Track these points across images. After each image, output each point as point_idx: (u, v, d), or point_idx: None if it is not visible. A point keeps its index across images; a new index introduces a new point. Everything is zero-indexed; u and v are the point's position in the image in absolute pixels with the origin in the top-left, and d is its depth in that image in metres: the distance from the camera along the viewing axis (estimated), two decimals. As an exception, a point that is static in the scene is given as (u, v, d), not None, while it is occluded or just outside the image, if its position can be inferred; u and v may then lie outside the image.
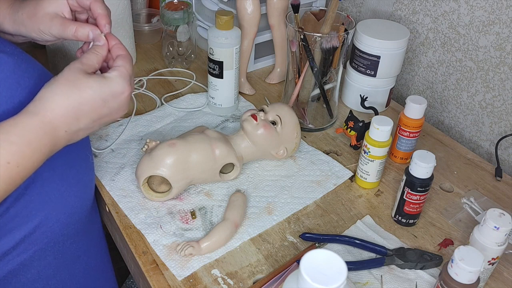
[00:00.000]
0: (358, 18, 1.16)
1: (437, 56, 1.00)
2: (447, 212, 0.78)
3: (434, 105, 1.04)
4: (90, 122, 0.57)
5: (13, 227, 0.59)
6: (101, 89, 0.57)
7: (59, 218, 0.64)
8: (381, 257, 0.69)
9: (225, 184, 0.80)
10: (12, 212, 0.58)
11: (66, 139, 0.57)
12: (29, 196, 0.59)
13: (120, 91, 0.58)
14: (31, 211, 0.60)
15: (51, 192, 0.62)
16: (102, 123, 0.60)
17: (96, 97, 0.56)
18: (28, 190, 0.59)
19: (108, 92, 0.57)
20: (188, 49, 1.08)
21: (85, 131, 0.59)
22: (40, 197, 0.61)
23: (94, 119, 0.58)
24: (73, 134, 0.57)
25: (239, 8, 0.96)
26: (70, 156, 0.64)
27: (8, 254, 0.60)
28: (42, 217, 0.61)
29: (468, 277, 0.55)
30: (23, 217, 0.59)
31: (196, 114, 0.96)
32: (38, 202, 0.60)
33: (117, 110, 0.60)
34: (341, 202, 0.78)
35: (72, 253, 0.70)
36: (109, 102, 0.57)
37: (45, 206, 0.62)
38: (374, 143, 0.76)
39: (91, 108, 0.56)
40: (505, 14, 0.85)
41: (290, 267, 0.66)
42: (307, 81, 0.90)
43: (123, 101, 0.59)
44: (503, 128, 0.92)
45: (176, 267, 0.66)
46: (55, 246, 0.66)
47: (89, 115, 0.57)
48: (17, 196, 0.58)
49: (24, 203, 0.59)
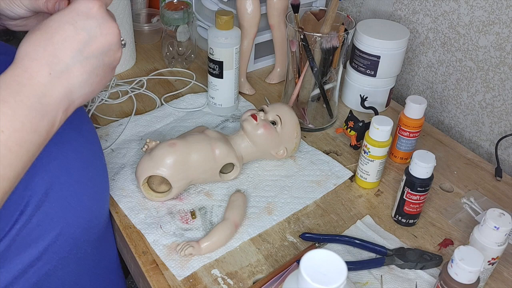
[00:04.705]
0: (358, 18, 1.16)
1: (437, 56, 1.00)
2: (447, 212, 0.78)
3: (434, 105, 1.04)
4: (76, 54, 0.49)
5: (36, 236, 0.57)
6: (64, 15, 0.49)
7: (80, 223, 0.62)
8: (381, 257, 0.69)
9: (225, 184, 0.80)
10: (34, 221, 0.56)
11: (59, 84, 0.48)
12: (49, 203, 0.57)
13: (84, 7, 0.49)
14: (53, 218, 0.58)
15: (69, 197, 0.60)
16: (97, 53, 0.51)
17: (61, 24, 0.48)
18: (48, 197, 0.57)
19: (72, 14, 0.49)
20: (188, 49, 1.08)
21: (81, 68, 0.50)
22: (60, 203, 0.58)
23: (78, 49, 0.49)
24: (66, 76, 0.48)
25: (239, 8, 0.96)
26: (84, 158, 0.62)
27: (33, 266, 0.58)
28: (63, 223, 0.59)
29: (468, 277, 0.55)
30: (45, 225, 0.57)
31: (196, 114, 0.96)
32: (59, 209, 0.58)
33: (99, 29, 0.50)
34: (341, 202, 0.78)
35: (94, 258, 0.68)
36: (79, 23, 0.49)
37: (66, 212, 0.59)
38: (374, 143, 0.76)
39: (62, 37, 0.48)
40: (505, 14, 0.85)
41: (290, 267, 0.66)
42: (307, 81, 0.90)
43: (98, 15, 0.50)
44: (503, 128, 0.92)
45: (176, 267, 0.66)
46: (77, 253, 0.64)
47: (66, 45, 0.48)
48: (37, 204, 0.56)
49: (45, 210, 0.57)
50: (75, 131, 0.62)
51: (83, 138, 0.64)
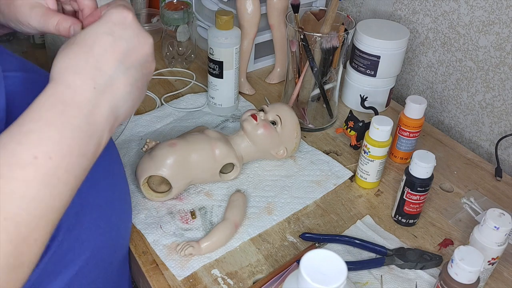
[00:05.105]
0: (358, 18, 1.16)
1: (437, 56, 1.00)
2: (447, 212, 0.78)
3: (434, 105, 1.04)
4: (118, 65, 0.47)
5: (67, 262, 0.53)
6: (100, 27, 0.47)
7: (109, 245, 0.59)
8: (381, 257, 0.69)
9: (225, 184, 0.80)
10: (65, 246, 0.52)
11: (105, 99, 0.46)
12: (80, 226, 0.53)
13: (119, 16, 0.48)
14: (83, 242, 0.54)
15: (99, 219, 0.56)
16: (136, 64, 0.49)
17: (99, 36, 0.47)
18: (79, 219, 0.53)
19: (108, 25, 0.48)
20: (188, 49, 1.08)
21: (125, 79, 0.48)
22: (90, 225, 0.55)
23: (119, 59, 0.47)
24: (111, 89, 0.46)
25: (239, 8, 0.96)
26: (111, 176, 0.59)
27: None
28: (93, 246, 0.56)
29: (468, 277, 0.55)
30: (76, 249, 0.53)
31: (196, 114, 0.96)
32: (89, 232, 0.55)
33: (137, 38, 0.49)
34: (341, 202, 0.78)
35: (119, 277, 0.66)
36: (117, 32, 0.48)
37: (96, 234, 0.56)
38: (374, 143, 0.76)
39: (102, 48, 0.46)
40: (505, 14, 0.85)
41: (290, 267, 0.66)
42: (307, 81, 0.90)
43: (133, 25, 0.49)
44: (503, 128, 0.92)
45: (176, 267, 0.66)
46: (105, 275, 0.60)
47: (108, 57, 0.46)
48: (68, 228, 0.52)
49: (76, 234, 0.53)
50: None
51: (108, 155, 0.60)
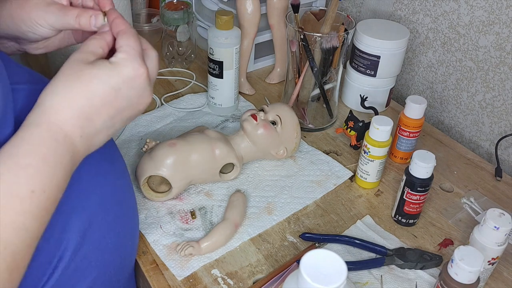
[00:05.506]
0: (358, 18, 1.16)
1: (437, 56, 1.00)
2: (447, 212, 0.78)
3: (434, 105, 1.04)
4: (107, 120, 0.48)
5: (74, 283, 0.52)
6: (109, 77, 0.47)
7: (116, 263, 0.57)
8: (381, 257, 0.69)
9: (225, 184, 0.80)
10: (72, 267, 0.51)
11: (84, 145, 0.47)
12: (88, 245, 0.52)
13: (132, 74, 0.48)
14: (90, 262, 0.53)
15: (107, 236, 0.55)
16: (124, 119, 0.50)
17: (105, 87, 0.46)
18: (86, 238, 0.52)
19: (118, 79, 0.47)
20: (188, 49, 1.08)
21: (106, 132, 0.49)
22: (98, 244, 0.53)
23: (112, 115, 0.48)
24: (92, 139, 0.48)
25: (239, 8, 0.96)
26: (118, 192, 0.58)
27: None
28: (100, 267, 0.54)
29: (468, 277, 0.55)
30: (82, 270, 0.52)
31: (196, 114, 0.96)
32: (97, 250, 0.53)
33: (137, 99, 0.49)
34: (341, 202, 0.78)
35: None
36: (123, 90, 0.47)
37: (103, 253, 0.55)
38: (374, 143, 0.76)
39: (102, 102, 0.46)
40: (505, 14, 0.85)
41: (290, 267, 0.66)
42: (307, 81, 0.90)
43: (141, 86, 0.49)
44: (503, 128, 0.92)
45: (176, 267, 0.66)
46: None
47: (103, 111, 0.47)
48: (75, 247, 0.51)
49: (84, 253, 0.52)
50: (108, 162, 0.58)
51: (116, 169, 0.60)
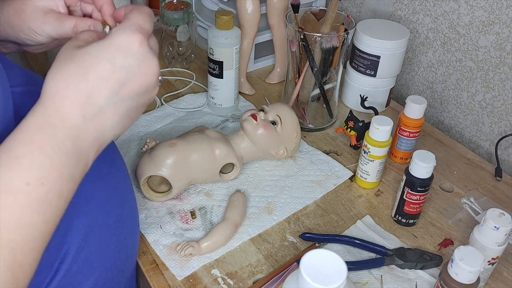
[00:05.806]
0: (358, 18, 1.16)
1: (437, 56, 1.00)
2: (447, 212, 0.78)
3: (434, 105, 1.04)
4: (111, 95, 0.44)
5: (76, 285, 0.51)
6: (101, 50, 0.44)
7: (117, 265, 0.57)
8: (381, 257, 0.69)
9: (225, 184, 0.80)
10: (74, 269, 0.50)
11: (91, 128, 0.44)
12: (89, 247, 0.51)
13: (125, 41, 0.44)
14: (92, 263, 0.52)
15: (108, 239, 0.55)
16: (132, 94, 0.46)
17: (98, 60, 0.44)
18: (88, 240, 0.51)
19: (110, 49, 0.44)
20: (188, 49, 1.08)
21: (114, 110, 0.45)
22: (99, 246, 0.53)
23: (114, 89, 0.44)
24: (98, 119, 0.44)
25: (239, 8, 0.96)
26: (120, 194, 0.58)
27: None
28: (102, 268, 0.54)
29: (468, 277, 0.55)
30: (84, 272, 0.52)
31: (196, 114, 0.96)
32: (99, 253, 0.53)
33: (139, 68, 0.46)
34: (341, 202, 0.78)
35: None
36: (118, 60, 0.44)
37: (105, 255, 0.54)
38: (374, 143, 0.76)
39: (98, 76, 0.43)
40: (505, 14, 0.85)
41: (290, 267, 0.66)
42: (307, 81, 0.90)
43: (139, 52, 0.45)
44: (503, 128, 0.92)
45: (176, 267, 0.66)
46: None
47: (102, 85, 0.44)
48: (77, 250, 0.50)
49: (85, 256, 0.51)
50: (108, 165, 0.57)
51: (117, 172, 0.59)
